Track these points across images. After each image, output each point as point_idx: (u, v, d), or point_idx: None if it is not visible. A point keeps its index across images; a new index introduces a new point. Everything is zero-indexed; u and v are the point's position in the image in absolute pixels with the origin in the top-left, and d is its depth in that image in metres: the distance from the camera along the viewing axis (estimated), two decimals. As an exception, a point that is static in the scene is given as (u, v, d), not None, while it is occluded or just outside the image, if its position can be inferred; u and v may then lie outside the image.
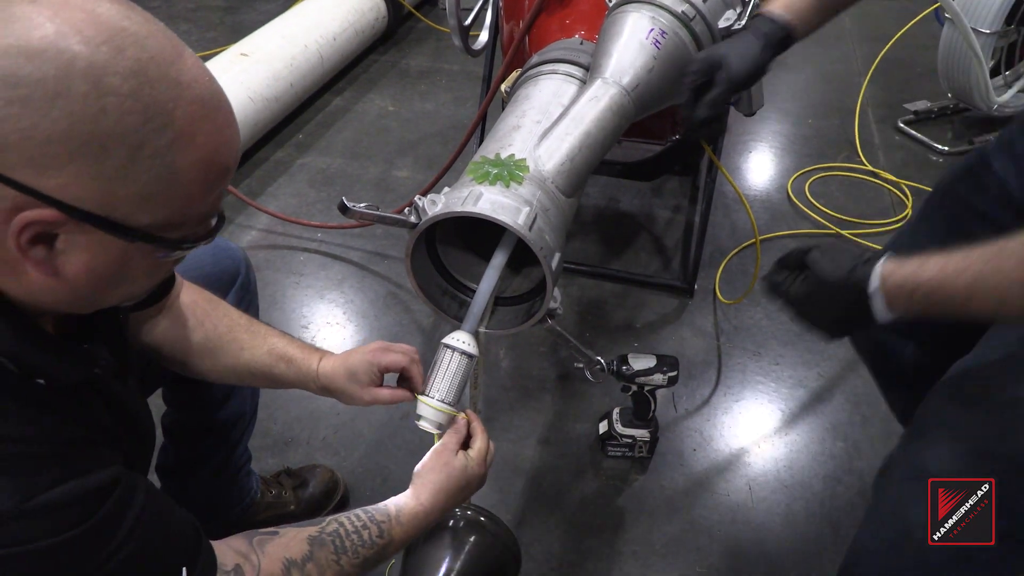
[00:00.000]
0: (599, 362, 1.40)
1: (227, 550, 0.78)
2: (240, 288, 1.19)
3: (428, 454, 0.97)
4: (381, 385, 1.00)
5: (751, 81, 1.02)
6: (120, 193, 0.57)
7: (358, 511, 0.91)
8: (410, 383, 1.00)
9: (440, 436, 0.98)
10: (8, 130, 0.53)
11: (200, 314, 1.02)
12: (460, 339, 0.96)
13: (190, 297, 1.02)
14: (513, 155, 0.97)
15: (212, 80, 0.62)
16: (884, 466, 0.98)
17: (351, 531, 0.88)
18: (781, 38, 1.03)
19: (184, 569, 0.71)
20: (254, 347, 1.02)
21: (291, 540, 0.83)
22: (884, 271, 0.81)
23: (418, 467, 0.97)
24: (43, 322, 0.69)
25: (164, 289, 0.97)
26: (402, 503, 0.93)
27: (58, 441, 0.64)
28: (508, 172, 0.94)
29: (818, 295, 0.84)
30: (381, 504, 0.93)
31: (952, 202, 1.10)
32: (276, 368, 1.01)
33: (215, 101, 0.61)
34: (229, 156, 0.64)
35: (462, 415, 0.99)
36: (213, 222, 0.67)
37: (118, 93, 0.55)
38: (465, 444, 0.99)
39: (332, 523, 0.87)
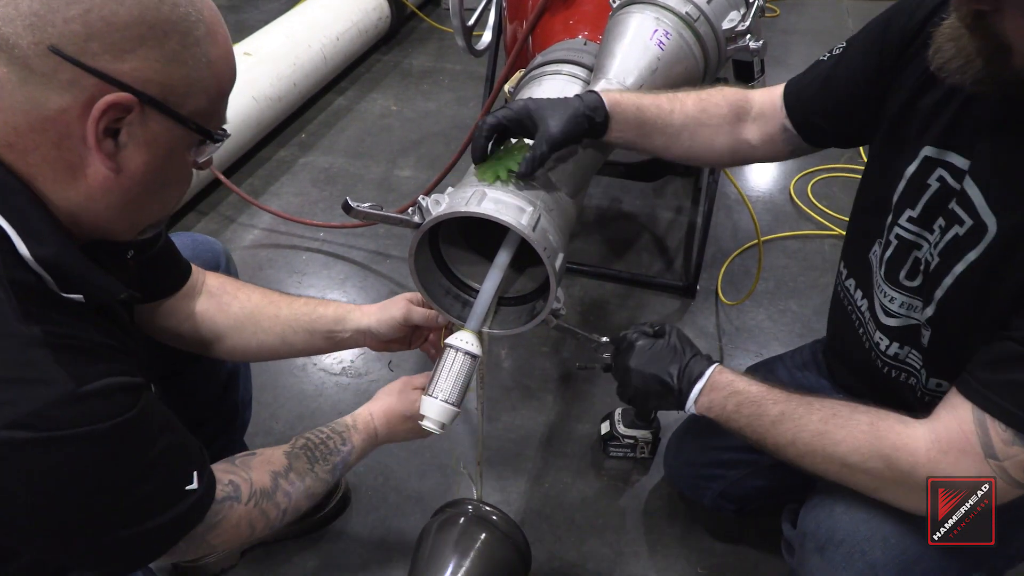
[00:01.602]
0: (605, 342, 1.30)
1: (217, 470, 0.89)
2: None
3: (397, 381, 1.10)
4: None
5: (563, 143, 0.96)
6: (175, 76, 0.69)
7: (320, 427, 1.04)
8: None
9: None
10: (94, 19, 0.64)
11: (232, 289, 1.12)
12: (464, 339, 0.97)
13: (218, 280, 1.12)
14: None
15: None
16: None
17: (318, 443, 1.01)
18: (599, 122, 1.00)
19: (195, 473, 0.81)
20: (292, 302, 1.13)
21: (270, 455, 0.97)
22: (716, 368, 1.05)
23: (382, 388, 1.11)
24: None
25: (182, 276, 1.07)
26: (357, 413, 1.08)
27: (98, 342, 0.72)
28: (509, 159, 0.95)
29: (666, 353, 1.09)
30: (340, 419, 1.07)
31: None
32: (316, 312, 1.12)
33: (219, 14, 0.75)
34: (235, 62, 0.77)
35: None
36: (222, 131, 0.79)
37: None
38: None
39: (300, 439, 1.01)
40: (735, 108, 1.12)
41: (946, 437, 0.87)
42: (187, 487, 0.79)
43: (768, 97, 1.13)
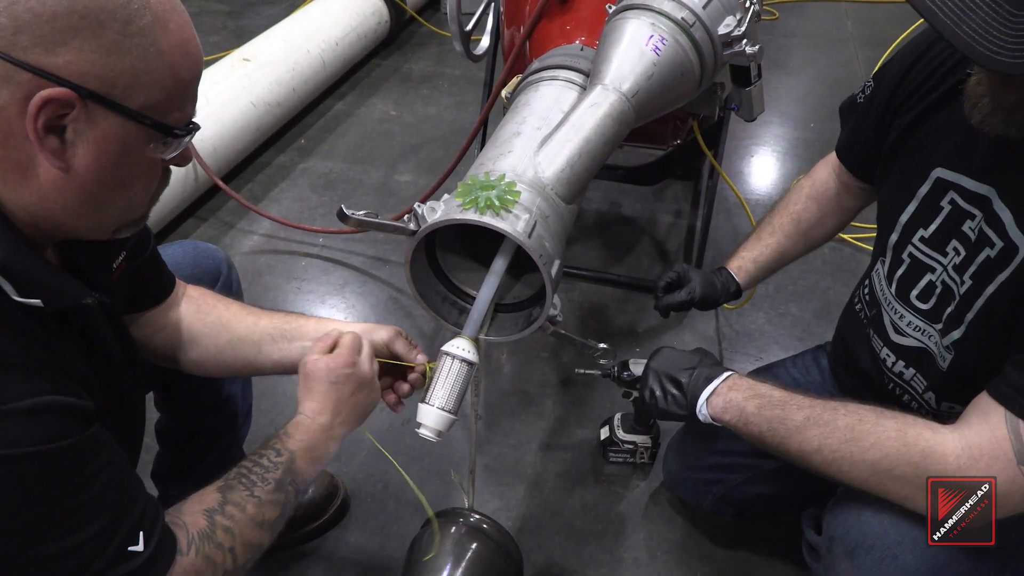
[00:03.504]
0: (603, 348, 1.37)
1: None
2: (222, 288, 1.21)
3: (301, 369, 1.00)
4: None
5: (705, 306, 1.34)
6: (117, 67, 0.65)
7: (256, 449, 0.94)
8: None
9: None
10: (20, 11, 0.61)
11: (212, 299, 1.09)
12: (460, 346, 0.96)
13: (199, 291, 1.10)
14: (503, 176, 0.95)
15: None
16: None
17: (252, 466, 0.91)
18: (733, 291, 1.35)
19: (141, 534, 0.73)
20: (273, 314, 1.10)
21: (202, 496, 0.87)
22: (733, 373, 1.07)
23: (298, 388, 1.00)
24: (45, 254, 0.74)
25: (165, 289, 1.05)
26: (288, 421, 0.97)
27: (36, 359, 0.67)
28: (499, 199, 0.91)
29: (686, 357, 1.14)
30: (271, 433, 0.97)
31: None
32: (297, 321, 1.08)
33: (174, 1, 0.71)
34: (197, 52, 0.73)
35: (336, 331, 1.02)
36: (190, 126, 0.75)
37: None
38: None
39: (233, 469, 0.91)
40: (821, 200, 1.30)
41: (976, 443, 0.86)
42: (130, 547, 0.72)
43: (834, 166, 1.29)
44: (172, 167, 0.78)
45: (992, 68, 0.72)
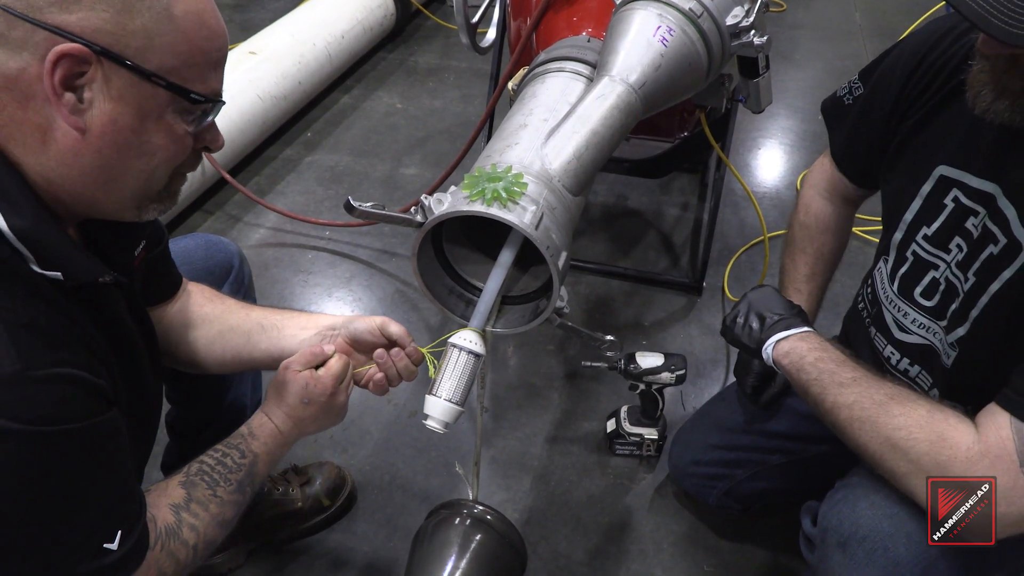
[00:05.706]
0: (610, 340, 1.37)
1: None
2: (234, 281, 1.21)
3: (278, 373, 1.01)
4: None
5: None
6: (128, 26, 0.66)
7: (214, 446, 0.95)
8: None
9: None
10: None
11: (208, 292, 1.10)
12: (467, 338, 0.96)
13: (195, 286, 1.10)
14: (510, 168, 0.95)
15: None
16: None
17: (214, 464, 0.92)
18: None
19: (119, 532, 0.73)
20: (266, 308, 1.11)
21: (167, 488, 0.87)
22: (812, 330, 1.08)
23: (269, 385, 1.02)
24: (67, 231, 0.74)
25: (173, 286, 1.06)
26: (252, 420, 0.99)
27: (59, 330, 0.67)
28: (506, 191, 0.91)
29: (779, 301, 1.16)
30: (235, 431, 0.98)
31: None
32: (288, 312, 1.09)
33: None
34: (216, 24, 0.74)
35: (329, 346, 1.03)
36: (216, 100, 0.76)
37: None
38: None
39: (193, 465, 0.92)
40: (832, 229, 1.31)
41: (985, 440, 0.87)
42: (105, 544, 0.72)
43: (823, 188, 1.31)
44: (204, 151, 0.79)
45: (1010, 41, 0.72)
